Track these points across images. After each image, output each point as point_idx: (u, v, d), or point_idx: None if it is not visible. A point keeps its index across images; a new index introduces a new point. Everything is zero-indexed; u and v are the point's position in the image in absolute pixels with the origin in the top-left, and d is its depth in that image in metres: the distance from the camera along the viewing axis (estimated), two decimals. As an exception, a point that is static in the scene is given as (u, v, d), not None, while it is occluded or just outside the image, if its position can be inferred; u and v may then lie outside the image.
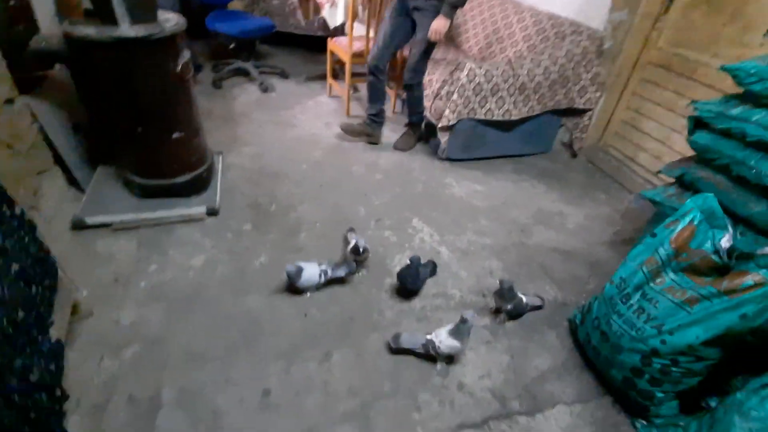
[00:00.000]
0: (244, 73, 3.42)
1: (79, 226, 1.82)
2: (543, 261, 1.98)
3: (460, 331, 1.41)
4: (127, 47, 1.47)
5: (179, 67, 1.66)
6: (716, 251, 1.18)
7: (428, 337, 1.46)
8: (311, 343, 1.49)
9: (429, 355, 1.46)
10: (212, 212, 1.97)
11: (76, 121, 1.96)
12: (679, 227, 1.26)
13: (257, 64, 3.47)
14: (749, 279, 1.10)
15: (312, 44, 4.09)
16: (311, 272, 1.59)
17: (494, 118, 2.44)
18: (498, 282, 1.60)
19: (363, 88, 3.64)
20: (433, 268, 1.80)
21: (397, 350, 1.47)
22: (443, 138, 2.51)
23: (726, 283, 1.13)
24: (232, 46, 3.31)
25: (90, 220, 1.83)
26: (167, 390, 1.30)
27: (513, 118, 2.47)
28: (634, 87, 2.54)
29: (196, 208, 1.95)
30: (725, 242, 1.15)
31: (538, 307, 1.70)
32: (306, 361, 1.43)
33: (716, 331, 1.12)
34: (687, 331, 1.17)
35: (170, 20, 1.62)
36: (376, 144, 2.78)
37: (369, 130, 2.73)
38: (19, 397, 0.98)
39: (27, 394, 1.01)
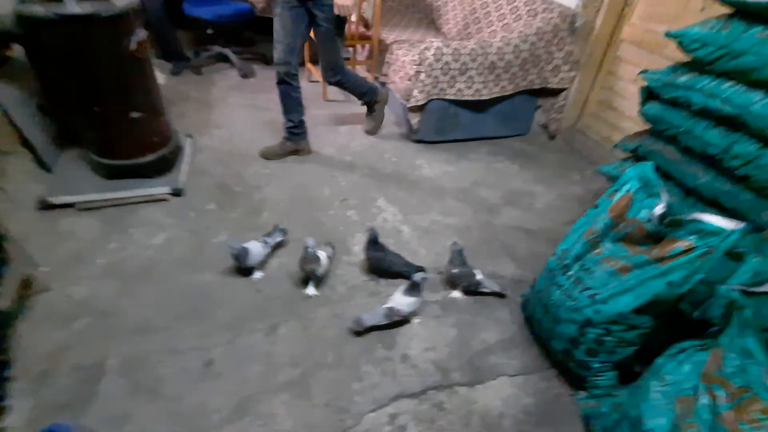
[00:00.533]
0: (225, 59, 3.42)
1: (44, 205, 1.85)
2: (506, 240, 1.98)
3: (414, 288, 1.46)
4: (73, 25, 1.48)
5: (133, 45, 1.67)
6: (649, 219, 1.17)
7: (387, 305, 1.48)
8: (259, 316, 1.51)
9: (395, 322, 1.48)
10: (177, 192, 1.99)
11: (41, 102, 1.98)
12: (617, 197, 1.25)
13: (238, 50, 3.46)
14: (679, 245, 1.09)
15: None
16: (256, 248, 1.60)
17: (464, 98, 2.42)
18: (450, 245, 1.62)
19: (344, 72, 3.63)
20: (417, 270, 1.64)
21: (363, 331, 1.47)
22: (414, 119, 2.50)
23: (656, 251, 1.13)
24: (209, 31, 3.31)
25: (55, 200, 1.86)
26: (112, 359, 1.34)
27: (484, 97, 2.44)
28: (608, 65, 2.50)
29: (160, 188, 1.97)
30: (658, 210, 1.14)
31: (500, 294, 1.66)
32: (252, 333, 1.45)
33: (645, 299, 1.12)
34: (618, 300, 1.16)
35: (122, -1, 1.63)
36: (309, 154, 2.47)
37: (292, 146, 2.39)
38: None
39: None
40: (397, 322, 1.50)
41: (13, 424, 1.16)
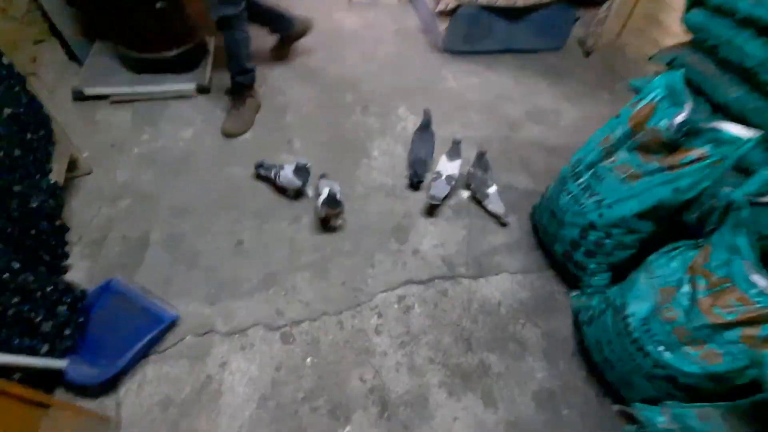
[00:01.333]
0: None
1: (78, 96, 1.93)
2: (524, 154, 1.99)
3: (455, 151, 1.69)
4: None
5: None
6: (668, 128, 1.17)
7: (444, 176, 1.64)
8: (285, 208, 1.63)
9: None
10: (202, 89, 2.04)
11: (68, -9, 1.97)
12: (640, 105, 1.24)
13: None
14: (692, 154, 1.11)
15: None
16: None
17: (497, 4, 2.27)
18: (478, 149, 1.71)
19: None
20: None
21: (439, 204, 1.64)
22: (442, 26, 2.38)
23: (669, 159, 1.15)
24: None
25: (88, 91, 1.94)
26: (155, 234, 1.50)
27: (519, 4, 2.29)
28: (662, -29, 2.27)
29: (186, 84, 2.01)
30: (679, 118, 1.13)
31: (500, 220, 1.68)
32: (278, 221, 1.59)
33: (649, 203, 1.17)
34: (623, 205, 1.22)
35: None
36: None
37: (255, 101, 2.00)
38: (20, 217, 1.17)
39: (28, 217, 1.20)
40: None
41: (75, 279, 1.35)
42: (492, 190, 1.68)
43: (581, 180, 1.35)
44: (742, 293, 0.90)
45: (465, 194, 1.74)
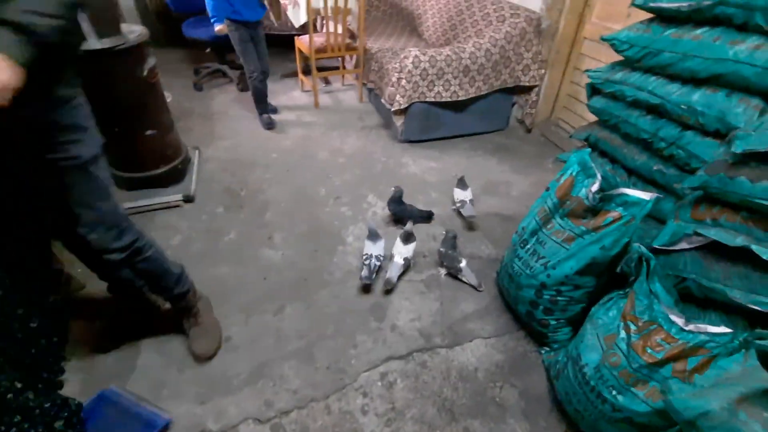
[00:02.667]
0: (223, 74, 3.68)
1: (73, 216, 2.10)
2: (483, 225, 2.21)
3: (409, 236, 1.88)
4: (96, 58, 1.73)
5: (145, 72, 1.92)
6: (587, 196, 1.40)
7: (400, 258, 1.83)
8: (268, 300, 1.75)
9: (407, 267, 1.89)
10: (188, 199, 2.24)
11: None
12: (563, 179, 1.48)
13: (236, 65, 3.71)
14: (610, 216, 1.32)
15: (287, 43, 4.32)
16: (370, 247, 1.86)
17: (443, 99, 2.65)
18: (445, 231, 1.91)
19: (334, 81, 3.89)
20: (429, 215, 2.19)
21: (392, 289, 1.81)
22: (398, 122, 2.74)
23: (593, 222, 1.35)
24: (207, 50, 3.57)
25: (83, 210, 2.11)
26: (146, 339, 1.58)
27: (461, 98, 2.68)
28: (575, 62, 2.73)
29: (173, 195, 2.22)
30: (593, 188, 1.36)
31: (475, 288, 1.84)
32: (263, 314, 1.69)
33: (584, 261, 1.35)
34: (564, 264, 1.39)
35: (134, 32, 1.88)
36: None
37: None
38: (23, 338, 1.27)
39: (29, 337, 1.30)
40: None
41: (71, 392, 1.40)
42: (463, 264, 1.85)
43: (528, 246, 1.54)
44: (666, 333, 1.05)
45: (442, 272, 1.90)
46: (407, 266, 1.88)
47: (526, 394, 1.46)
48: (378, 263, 1.83)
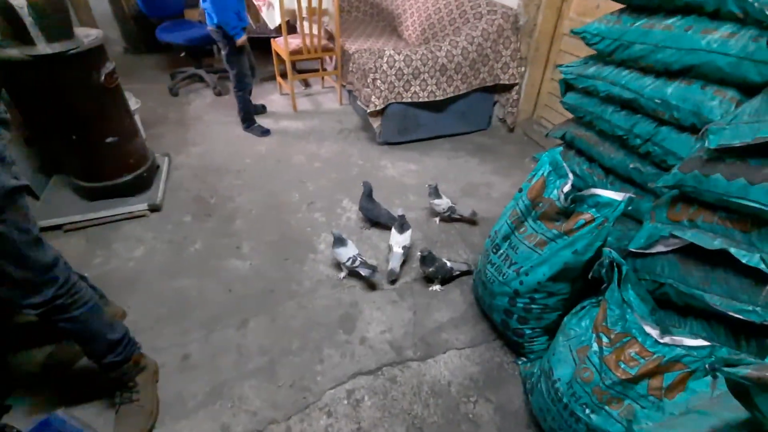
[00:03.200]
0: (200, 79, 3.59)
1: (32, 229, 2.00)
2: (461, 229, 2.13)
3: (403, 225, 1.83)
4: (46, 64, 1.64)
5: (102, 77, 1.83)
6: (558, 198, 1.32)
7: (399, 247, 1.80)
8: (232, 314, 1.66)
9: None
10: (154, 208, 2.15)
11: (25, 134, 2.14)
12: (534, 180, 1.40)
13: (213, 69, 3.63)
14: (582, 218, 1.24)
15: (266, 46, 4.24)
16: (346, 251, 1.75)
17: (420, 99, 2.58)
18: (419, 252, 1.74)
19: (314, 83, 3.81)
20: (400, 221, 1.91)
21: (396, 279, 1.81)
22: (375, 123, 2.66)
23: (565, 225, 1.27)
24: (182, 54, 3.48)
25: (42, 223, 2.01)
26: (98, 360, 1.48)
27: (438, 98, 2.60)
28: (555, 58, 2.66)
29: (138, 205, 2.12)
30: (565, 188, 1.29)
31: (468, 272, 1.84)
32: (225, 329, 1.60)
33: (557, 267, 1.27)
34: (537, 270, 1.31)
35: (89, 36, 1.79)
36: None
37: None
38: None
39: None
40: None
41: (16, 418, 1.30)
42: (448, 263, 1.78)
43: (501, 251, 1.45)
44: (640, 345, 0.97)
45: (437, 287, 1.79)
46: (406, 255, 1.86)
47: (501, 410, 1.37)
48: (363, 260, 1.78)
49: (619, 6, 1.44)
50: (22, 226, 0.98)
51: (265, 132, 2.91)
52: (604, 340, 1.03)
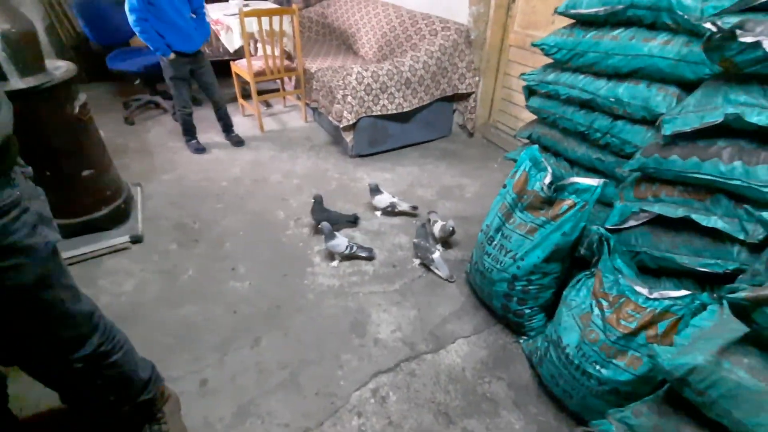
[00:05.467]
0: (156, 106, 3.49)
1: (1, 276, 1.87)
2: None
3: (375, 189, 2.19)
4: (20, 99, 1.57)
5: (77, 109, 1.78)
6: (542, 188, 1.50)
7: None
8: (242, 334, 1.66)
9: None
10: (136, 239, 2.08)
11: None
12: (517, 176, 1.58)
13: (169, 95, 3.54)
14: (565, 204, 1.42)
15: (223, 69, 4.21)
16: (340, 242, 1.96)
17: (389, 112, 2.72)
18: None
19: (276, 103, 3.85)
20: (353, 219, 2.26)
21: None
22: (348, 137, 2.76)
23: (551, 211, 1.45)
24: (137, 82, 3.38)
25: (12, 268, 1.88)
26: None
27: (406, 109, 2.77)
28: (504, 68, 2.93)
29: (119, 238, 2.05)
30: (546, 180, 1.47)
31: (447, 280, 1.95)
32: (239, 349, 1.61)
33: (549, 249, 1.44)
34: (531, 254, 1.47)
35: (60, 68, 1.74)
36: None
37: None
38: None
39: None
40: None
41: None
42: (436, 255, 1.93)
43: (495, 242, 1.61)
44: (634, 303, 1.15)
45: (416, 261, 2.01)
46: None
47: (513, 385, 1.51)
48: (359, 244, 2.02)
49: (571, 21, 1.68)
50: (66, 284, 0.94)
51: (200, 150, 2.95)
52: (604, 303, 1.20)
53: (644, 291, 1.14)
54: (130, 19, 2.39)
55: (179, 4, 2.49)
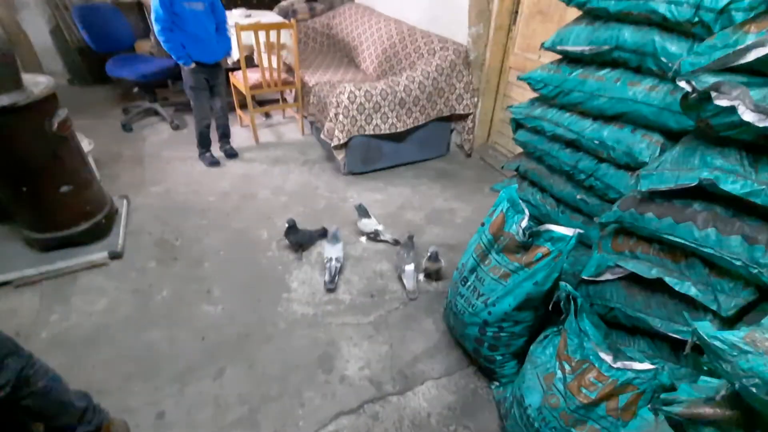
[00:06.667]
0: (155, 113, 3.51)
1: (-23, 289, 1.88)
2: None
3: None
4: (-4, 117, 1.58)
5: (55, 126, 1.77)
6: (517, 232, 1.43)
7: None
8: (207, 363, 1.63)
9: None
10: (115, 255, 2.08)
11: (-33, 186, 2.01)
12: (495, 216, 1.51)
13: (169, 103, 3.57)
14: (540, 251, 1.35)
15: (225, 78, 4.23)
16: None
17: (382, 132, 2.68)
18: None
19: (275, 114, 3.84)
20: (323, 232, 2.28)
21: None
22: (339, 156, 2.72)
23: (525, 257, 1.38)
24: (135, 89, 3.40)
25: (-12, 279, 1.89)
26: (64, 428, 1.41)
27: (399, 130, 2.71)
28: (504, 89, 2.86)
29: (97, 254, 2.05)
30: (523, 223, 1.40)
31: (411, 299, 1.97)
32: (200, 380, 1.57)
33: (521, 298, 1.37)
34: (503, 301, 1.41)
35: (39, 84, 1.74)
36: None
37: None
38: None
39: None
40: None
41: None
42: (409, 267, 1.94)
43: (468, 283, 1.55)
44: (597, 371, 1.08)
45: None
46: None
47: (479, 435, 1.45)
48: (338, 265, 2.02)
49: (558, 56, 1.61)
50: None
51: (214, 163, 2.93)
52: (567, 367, 1.13)
53: (608, 359, 1.07)
54: (156, 28, 2.43)
55: (203, 16, 2.54)
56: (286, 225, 2.11)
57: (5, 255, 2.01)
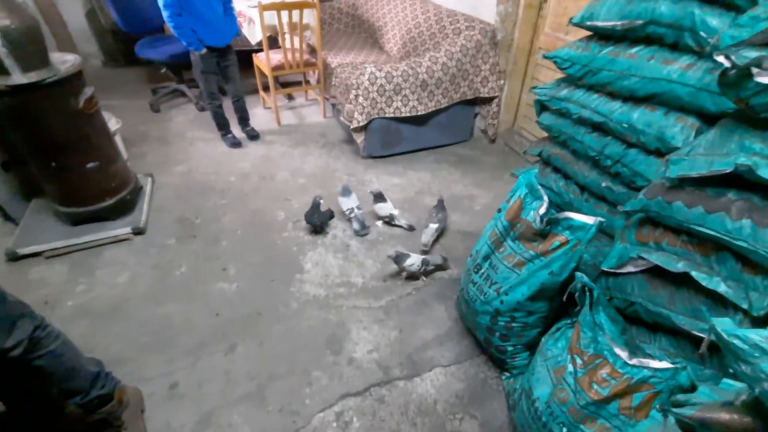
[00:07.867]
0: (182, 94, 3.57)
1: (12, 257, 1.98)
2: (445, 243, 2.17)
3: (379, 195, 2.21)
4: (22, 93, 1.63)
5: (81, 103, 1.82)
6: (534, 219, 1.37)
7: (386, 215, 2.18)
8: (220, 339, 1.67)
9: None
10: (138, 231, 2.14)
11: (3, 158, 2.11)
12: (512, 202, 1.45)
13: (195, 84, 3.60)
14: (557, 240, 1.28)
15: (248, 59, 4.24)
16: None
17: (403, 114, 2.62)
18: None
19: (298, 95, 3.83)
20: (332, 214, 2.24)
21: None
22: (359, 138, 2.69)
23: (542, 246, 1.32)
24: (163, 70, 3.46)
25: (22, 250, 1.99)
26: (84, 392, 1.48)
27: (420, 113, 2.65)
28: (532, 72, 2.73)
29: (122, 229, 2.12)
30: (541, 210, 1.33)
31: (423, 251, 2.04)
32: (212, 355, 1.61)
33: (535, 288, 1.31)
34: (516, 290, 1.36)
35: (66, 62, 1.78)
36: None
37: None
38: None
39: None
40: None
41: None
42: (432, 225, 2.07)
43: (482, 271, 1.50)
44: (611, 367, 1.02)
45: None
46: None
47: (486, 426, 1.41)
48: (361, 211, 2.18)
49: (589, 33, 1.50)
50: None
51: (236, 144, 2.95)
52: (578, 361, 1.07)
53: (623, 355, 1.00)
54: (165, 14, 2.39)
55: None
56: (312, 203, 2.13)
57: (38, 227, 2.11)
